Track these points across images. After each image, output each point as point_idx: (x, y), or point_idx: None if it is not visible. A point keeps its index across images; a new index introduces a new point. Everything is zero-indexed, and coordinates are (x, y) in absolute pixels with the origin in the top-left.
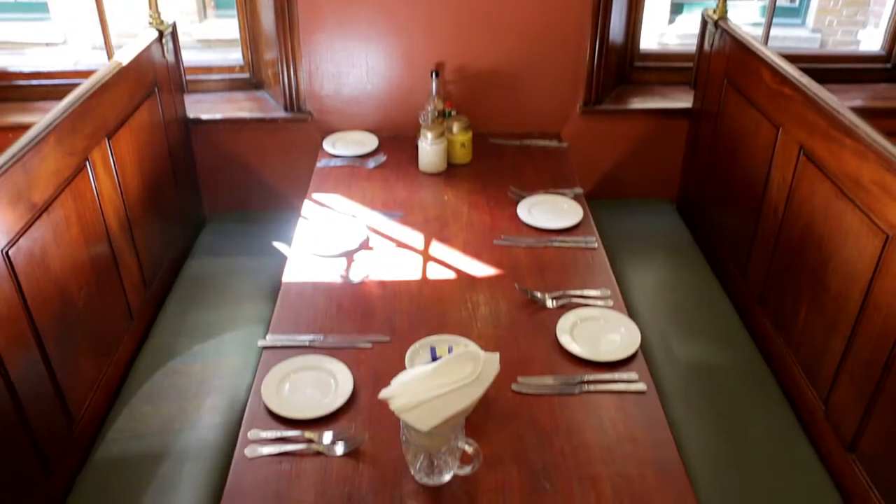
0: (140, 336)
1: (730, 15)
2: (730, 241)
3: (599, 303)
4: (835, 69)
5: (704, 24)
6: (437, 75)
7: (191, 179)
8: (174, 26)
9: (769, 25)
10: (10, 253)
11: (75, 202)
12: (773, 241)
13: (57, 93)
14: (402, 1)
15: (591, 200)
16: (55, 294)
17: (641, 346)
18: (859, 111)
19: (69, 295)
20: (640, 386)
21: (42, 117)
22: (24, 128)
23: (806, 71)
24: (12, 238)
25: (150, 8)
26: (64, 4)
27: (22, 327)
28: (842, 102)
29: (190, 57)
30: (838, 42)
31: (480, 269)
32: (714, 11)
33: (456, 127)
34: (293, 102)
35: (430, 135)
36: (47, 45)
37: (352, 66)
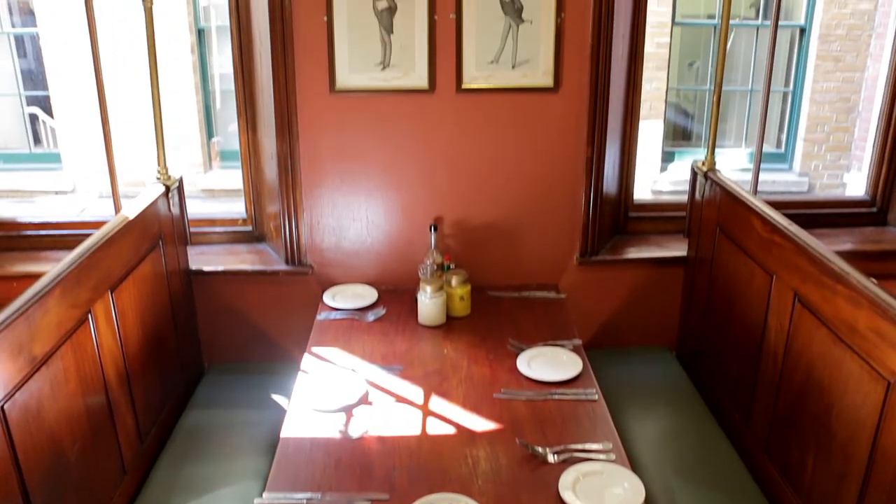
0: (132, 491)
1: (719, 160)
2: (731, 388)
3: (602, 456)
4: (823, 214)
5: (695, 175)
6: (435, 229)
7: (191, 330)
8: (181, 181)
9: (757, 173)
10: (5, 407)
11: (75, 354)
12: (774, 388)
13: (64, 243)
14: (402, 157)
15: (591, 350)
16: (47, 448)
17: (646, 500)
18: (849, 255)
19: (62, 448)
20: None
21: (49, 267)
22: (31, 277)
23: (795, 217)
24: (9, 392)
25: (159, 164)
26: (76, 155)
27: (10, 483)
28: (832, 248)
29: (194, 207)
30: (825, 185)
31: (480, 424)
32: (703, 163)
33: (455, 280)
34: (294, 255)
35: (429, 288)
36: (56, 193)
37: (352, 220)
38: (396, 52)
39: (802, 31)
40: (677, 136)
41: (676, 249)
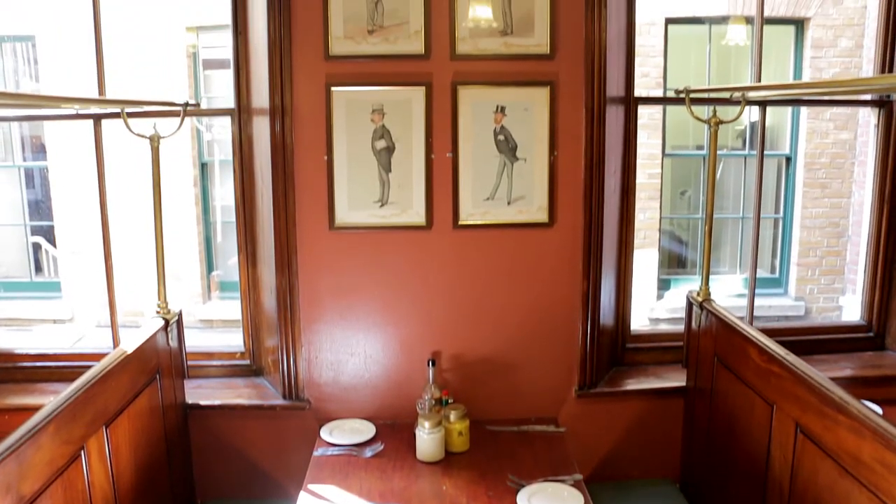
0: None
1: (714, 287)
2: None
3: None
4: (820, 340)
5: (690, 305)
6: (433, 364)
7: (185, 465)
8: (180, 314)
9: (752, 301)
10: None
11: (65, 493)
12: None
13: (60, 375)
14: (400, 292)
15: (592, 484)
16: None
17: None
18: (850, 381)
19: None
20: None
21: (44, 399)
22: (25, 410)
23: (792, 343)
24: None
25: (159, 298)
26: (76, 284)
27: None
28: (831, 374)
29: (192, 339)
30: (821, 308)
31: None
32: (698, 294)
33: (453, 415)
34: (292, 390)
35: (427, 424)
36: (55, 321)
37: (350, 355)
38: (394, 190)
39: (788, 159)
40: (672, 263)
41: (675, 380)
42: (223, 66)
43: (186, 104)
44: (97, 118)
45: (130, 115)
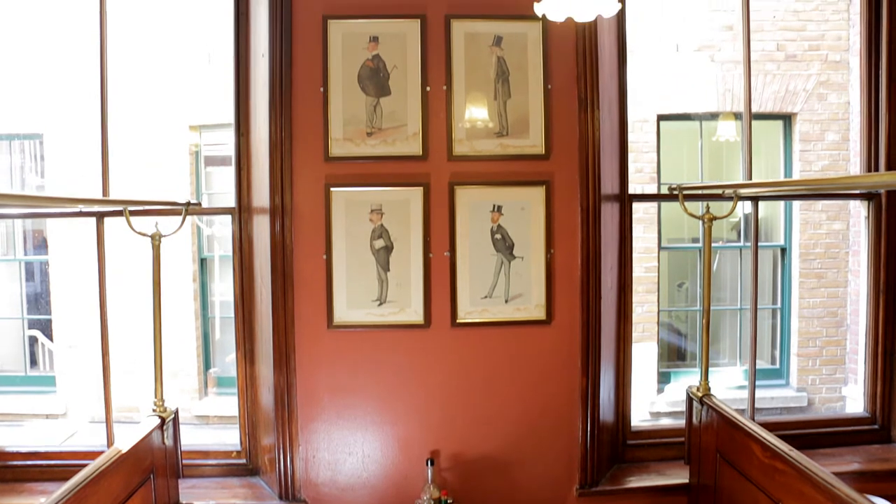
0: None
1: (715, 380)
2: None
3: None
4: (824, 433)
5: (690, 401)
6: (432, 463)
7: None
8: (176, 413)
9: (753, 395)
10: None
11: None
12: None
13: (52, 474)
14: (398, 390)
15: None
16: None
17: None
18: (857, 476)
19: None
20: None
21: (34, 500)
22: None
23: (796, 437)
24: None
25: (156, 395)
26: (70, 379)
27: None
28: (838, 469)
29: (187, 436)
30: (824, 399)
31: None
32: (698, 389)
33: None
34: (288, 490)
35: None
36: (47, 416)
37: (348, 454)
38: (393, 289)
39: (783, 250)
40: (672, 356)
41: (678, 477)
42: (225, 162)
43: (188, 203)
44: (100, 216)
45: (133, 212)
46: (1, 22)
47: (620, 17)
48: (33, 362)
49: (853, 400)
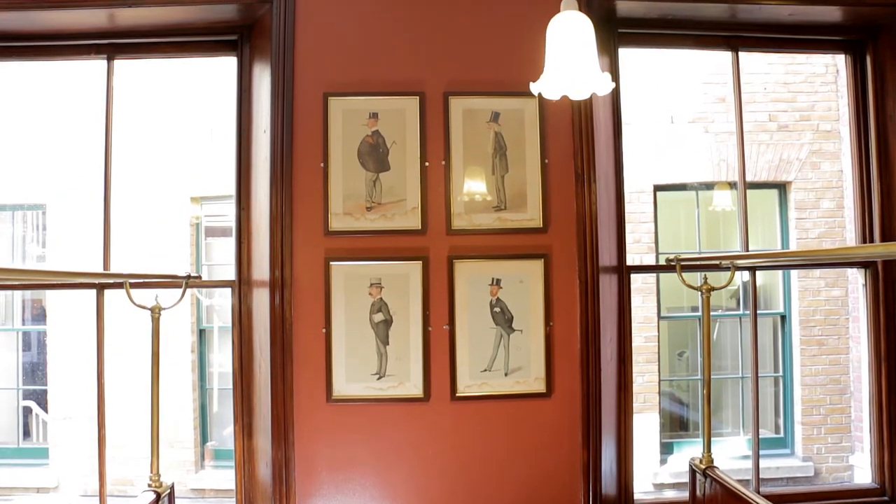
0: None
1: (719, 449)
2: None
3: None
4: None
5: (693, 473)
6: None
7: None
8: (172, 488)
9: (757, 466)
10: None
11: None
12: None
13: None
14: (397, 465)
15: None
16: None
17: None
18: None
19: None
20: None
21: None
22: None
23: None
24: None
25: (152, 470)
26: (64, 451)
27: None
28: None
29: None
30: (831, 468)
31: None
32: (700, 461)
33: None
34: None
35: None
36: (38, 490)
37: None
38: (392, 363)
39: (783, 317)
40: (674, 425)
41: None
42: (225, 233)
43: (189, 276)
44: (100, 287)
45: (133, 285)
46: (8, 94)
47: (615, 92)
48: (26, 434)
49: (861, 469)
